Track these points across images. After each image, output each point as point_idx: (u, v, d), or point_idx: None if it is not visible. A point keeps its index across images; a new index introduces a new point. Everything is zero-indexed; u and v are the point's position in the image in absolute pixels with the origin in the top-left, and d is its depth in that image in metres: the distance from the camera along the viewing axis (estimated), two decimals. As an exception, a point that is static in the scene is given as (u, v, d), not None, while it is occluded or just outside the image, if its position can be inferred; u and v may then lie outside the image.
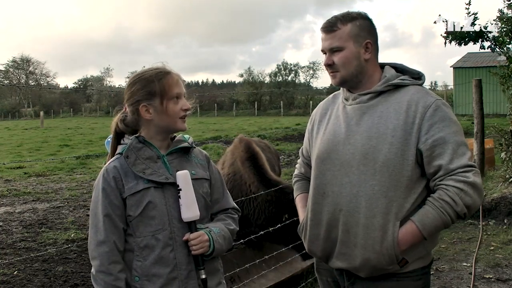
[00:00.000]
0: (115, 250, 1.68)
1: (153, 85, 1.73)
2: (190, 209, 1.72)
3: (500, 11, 6.45)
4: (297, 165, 2.20)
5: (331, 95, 2.04)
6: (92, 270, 1.69)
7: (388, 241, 1.71)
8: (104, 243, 1.67)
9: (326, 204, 1.84)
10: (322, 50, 1.85)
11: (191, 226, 1.73)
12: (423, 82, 1.85)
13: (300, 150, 2.17)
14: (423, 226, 1.69)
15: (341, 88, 1.95)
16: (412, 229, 1.70)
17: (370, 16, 1.85)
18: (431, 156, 1.70)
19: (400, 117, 1.74)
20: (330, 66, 1.83)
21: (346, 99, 1.89)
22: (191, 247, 1.72)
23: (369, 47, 1.81)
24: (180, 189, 1.72)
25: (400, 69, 1.88)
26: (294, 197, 2.13)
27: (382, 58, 1.89)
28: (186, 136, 1.86)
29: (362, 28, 1.81)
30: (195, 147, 1.88)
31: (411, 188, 1.73)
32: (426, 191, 1.76)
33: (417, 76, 1.85)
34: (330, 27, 1.81)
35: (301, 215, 2.03)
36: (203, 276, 1.73)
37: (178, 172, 1.73)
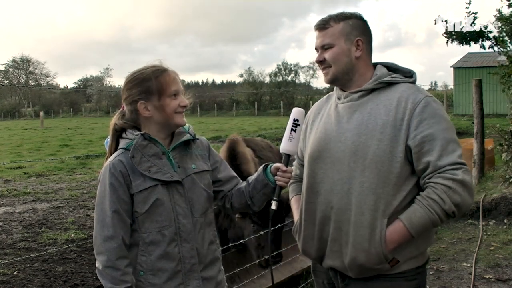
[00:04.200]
0: (122, 246, 1.69)
1: (150, 83, 1.74)
2: (295, 145, 1.84)
3: (499, 11, 6.46)
4: (292, 167, 2.20)
5: (325, 96, 2.06)
6: (98, 265, 1.69)
7: (375, 239, 1.70)
8: (112, 238, 1.68)
9: (319, 203, 1.84)
10: (316, 48, 1.89)
11: (285, 159, 1.84)
12: (415, 80, 1.86)
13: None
14: (411, 225, 1.68)
15: (334, 88, 1.97)
16: (399, 228, 1.69)
17: (373, 15, 1.92)
18: (420, 153, 1.70)
19: (390, 114, 1.74)
20: (321, 62, 1.86)
21: (339, 98, 1.90)
22: (280, 176, 1.80)
23: (360, 44, 1.83)
24: (299, 125, 1.83)
25: (392, 68, 1.89)
26: (289, 199, 2.13)
27: (384, 58, 1.94)
28: (186, 126, 1.86)
29: (355, 27, 1.84)
30: (197, 139, 1.89)
31: (400, 185, 1.72)
32: (417, 189, 1.75)
33: (409, 75, 1.86)
34: (322, 25, 1.85)
35: (296, 217, 2.02)
36: (274, 207, 1.81)
37: (297, 108, 1.87)
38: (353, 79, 1.85)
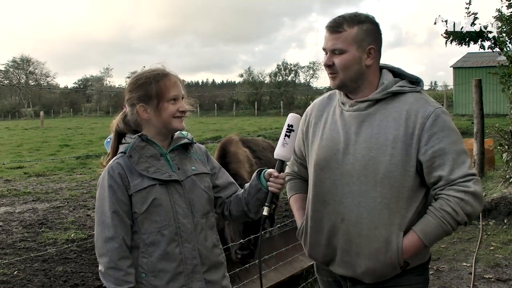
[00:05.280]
0: (124, 246, 1.70)
1: (150, 87, 1.76)
2: (289, 150, 1.82)
3: (498, 10, 6.46)
4: (288, 163, 2.14)
5: (326, 95, 2.00)
6: (100, 267, 1.70)
7: (392, 251, 1.72)
8: (112, 239, 1.68)
9: (327, 212, 1.83)
10: (324, 49, 1.81)
11: (279, 165, 1.82)
12: (422, 88, 1.82)
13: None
14: (425, 236, 1.71)
15: (337, 91, 1.92)
16: (414, 240, 1.72)
17: (374, 15, 1.83)
18: (431, 167, 1.70)
19: (400, 128, 1.72)
20: (329, 67, 1.79)
21: (343, 103, 1.86)
22: (272, 182, 1.79)
23: (372, 53, 1.77)
24: (293, 130, 1.81)
25: (397, 73, 1.84)
26: (288, 198, 2.12)
27: (385, 58, 1.88)
28: (184, 132, 1.88)
29: (368, 33, 1.76)
30: (195, 143, 1.91)
31: (412, 198, 1.74)
32: (425, 198, 1.78)
33: (415, 82, 1.82)
34: (335, 27, 1.76)
35: (298, 218, 2.02)
36: (265, 213, 1.81)
37: (292, 114, 1.84)
38: (361, 87, 1.81)
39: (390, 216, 1.71)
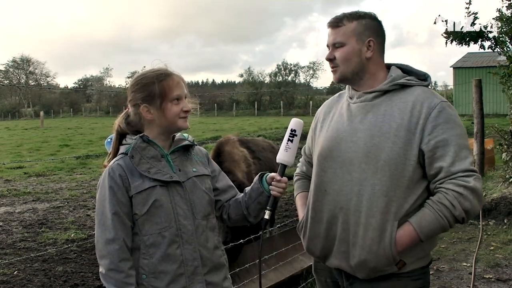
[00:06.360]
0: (124, 248, 1.69)
1: (153, 87, 1.75)
2: (292, 155, 1.82)
3: (499, 11, 6.45)
4: (298, 164, 2.18)
5: (336, 94, 2.04)
6: (101, 269, 1.69)
7: (385, 241, 1.71)
8: (113, 241, 1.68)
9: (327, 202, 1.84)
10: (327, 45, 1.87)
11: (281, 169, 1.83)
12: (429, 84, 1.85)
13: (303, 148, 2.16)
14: (420, 229, 1.69)
15: (346, 87, 1.95)
16: (409, 231, 1.70)
17: (380, 17, 1.86)
18: (433, 158, 1.70)
19: (404, 117, 1.73)
20: (331, 60, 1.84)
21: (351, 97, 1.89)
22: (274, 186, 1.80)
23: (372, 45, 1.81)
24: (296, 135, 1.82)
25: (406, 70, 1.88)
26: (294, 196, 2.13)
27: (386, 57, 1.90)
28: (185, 134, 1.88)
29: (368, 27, 1.82)
30: (196, 145, 1.90)
31: (411, 189, 1.73)
32: (427, 192, 1.76)
33: (423, 78, 1.85)
34: (335, 22, 1.83)
35: (300, 213, 2.02)
36: (267, 217, 1.82)
37: (295, 119, 1.85)
38: (363, 79, 1.84)
39: (387, 204, 1.71)
